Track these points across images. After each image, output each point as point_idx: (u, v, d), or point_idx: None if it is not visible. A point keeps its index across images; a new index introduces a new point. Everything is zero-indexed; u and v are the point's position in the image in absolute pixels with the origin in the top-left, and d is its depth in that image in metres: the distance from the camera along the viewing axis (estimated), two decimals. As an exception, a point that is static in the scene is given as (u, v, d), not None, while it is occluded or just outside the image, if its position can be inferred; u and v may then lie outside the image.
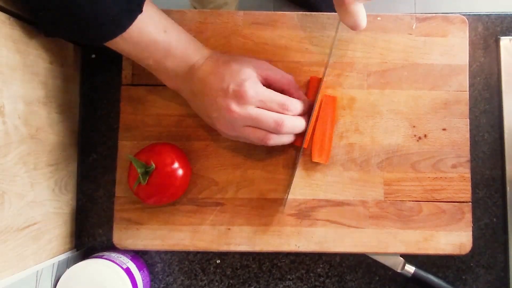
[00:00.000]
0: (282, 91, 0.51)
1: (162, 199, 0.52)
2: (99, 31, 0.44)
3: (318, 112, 0.54)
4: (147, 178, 0.50)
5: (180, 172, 0.51)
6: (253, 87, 0.47)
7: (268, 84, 0.50)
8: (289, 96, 0.51)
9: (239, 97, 0.46)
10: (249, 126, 0.48)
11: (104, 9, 0.42)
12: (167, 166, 0.51)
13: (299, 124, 0.51)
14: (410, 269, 0.54)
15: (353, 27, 0.47)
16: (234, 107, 0.46)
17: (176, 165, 0.51)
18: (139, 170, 0.50)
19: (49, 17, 0.43)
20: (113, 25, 0.44)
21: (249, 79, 0.47)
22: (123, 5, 0.43)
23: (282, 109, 0.49)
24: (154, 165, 0.50)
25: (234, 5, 1.06)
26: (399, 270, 0.54)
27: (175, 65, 0.48)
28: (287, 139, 0.51)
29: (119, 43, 0.46)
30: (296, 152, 0.55)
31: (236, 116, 0.47)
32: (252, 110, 0.47)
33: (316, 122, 0.54)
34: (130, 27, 0.44)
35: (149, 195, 0.51)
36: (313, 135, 0.54)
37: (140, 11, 0.44)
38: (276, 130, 0.48)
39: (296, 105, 0.50)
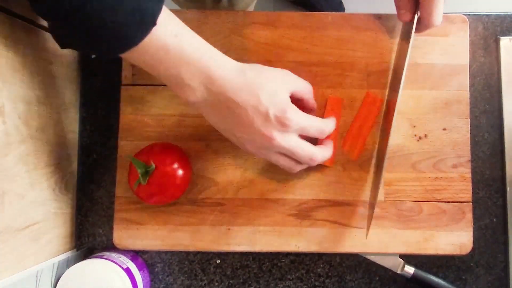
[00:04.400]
0: (301, 99, 0.50)
1: (163, 199, 0.53)
2: (112, 45, 0.41)
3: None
4: (147, 178, 0.50)
5: (180, 172, 0.51)
6: (295, 114, 0.45)
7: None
8: (306, 105, 0.50)
9: (282, 125, 0.44)
10: (282, 153, 0.47)
11: (117, 22, 0.39)
12: (167, 166, 0.51)
13: (328, 156, 0.51)
14: (410, 269, 0.54)
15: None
16: (276, 135, 0.44)
17: (176, 165, 0.51)
18: (139, 170, 0.50)
19: (64, 30, 0.41)
20: (126, 39, 0.40)
21: (289, 104, 0.45)
22: (136, 18, 0.39)
23: (320, 134, 0.48)
24: (154, 165, 0.50)
25: (253, 4, 1.01)
26: (399, 272, 0.54)
27: (189, 75, 0.43)
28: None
29: (132, 55, 0.42)
30: None
31: (275, 144, 0.45)
32: (292, 141, 0.46)
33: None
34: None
35: (150, 195, 0.51)
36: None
37: (154, 24, 0.41)
38: (307, 163, 0.48)
39: (331, 126, 0.50)
